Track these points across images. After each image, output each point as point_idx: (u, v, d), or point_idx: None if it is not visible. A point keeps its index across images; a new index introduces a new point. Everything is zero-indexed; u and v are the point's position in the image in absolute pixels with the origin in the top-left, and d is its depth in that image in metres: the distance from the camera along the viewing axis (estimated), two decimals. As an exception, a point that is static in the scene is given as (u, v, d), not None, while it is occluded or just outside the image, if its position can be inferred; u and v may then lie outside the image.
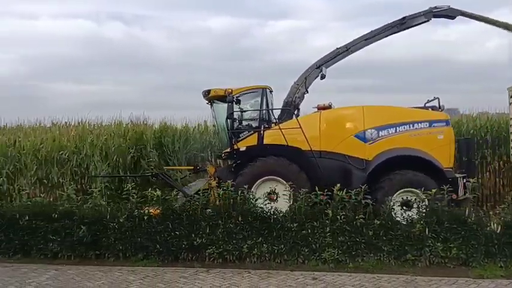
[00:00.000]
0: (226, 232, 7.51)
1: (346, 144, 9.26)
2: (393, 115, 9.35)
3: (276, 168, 9.23)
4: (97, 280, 6.78)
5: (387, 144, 9.09)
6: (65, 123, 15.11)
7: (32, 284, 6.68)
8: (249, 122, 10.40)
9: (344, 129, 9.41)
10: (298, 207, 7.54)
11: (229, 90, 9.98)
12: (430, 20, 11.39)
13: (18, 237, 8.13)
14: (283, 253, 7.31)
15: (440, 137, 9.10)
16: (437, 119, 9.26)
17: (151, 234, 7.72)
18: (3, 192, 10.95)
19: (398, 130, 9.14)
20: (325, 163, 9.27)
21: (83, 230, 7.82)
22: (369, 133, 9.15)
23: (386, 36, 11.42)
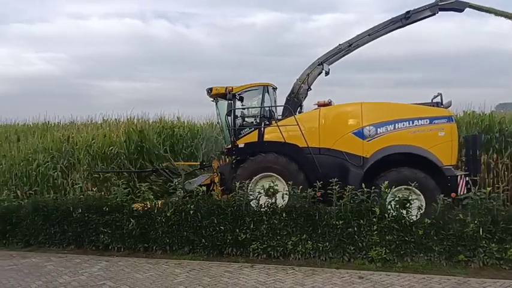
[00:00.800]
0: (270, 228, 7.49)
1: (345, 141, 9.22)
2: (392, 112, 9.19)
3: (272, 164, 9.36)
4: (145, 272, 6.97)
5: (385, 141, 8.97)
6: (115, 120, 15.77)
7: (85, 274, 6.96)
8: (250, 119, 10.52)
9: (342, 126, 9.34)
10: (344, 204, 7.39)
11: (229, 88, 10.11)
12: (437, 13, 10.97)
13: (72, 229, 8.52)
14: (328, 251, 7.20)
15: (442, 134, 8.83)
16: (438, 115, 8.98)
17: (197, 228, 7.84)
18: (58, 185, 11.52)
19: (397, 127, 8.99)
20: (323, 160, 9.30)
21: (132, 223, 8.07)
22: (367, 130, 9.07)
23: (391, 31, 11.15)
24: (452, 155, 8.84)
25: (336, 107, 9.89)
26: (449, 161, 8.78)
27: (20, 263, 7.69)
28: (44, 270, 7.20)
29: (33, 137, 14.42)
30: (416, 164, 8.63)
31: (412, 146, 8.82)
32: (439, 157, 8.72)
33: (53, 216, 8.63)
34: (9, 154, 12.76)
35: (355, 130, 9.16)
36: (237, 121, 10.35)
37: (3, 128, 17.34)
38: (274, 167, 9.39)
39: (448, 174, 8.56)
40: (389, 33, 11.17)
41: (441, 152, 8.77)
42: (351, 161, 9.12)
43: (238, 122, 10.45)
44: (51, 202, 8.94)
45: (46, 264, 7.60)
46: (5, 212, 9.04)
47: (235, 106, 10.16)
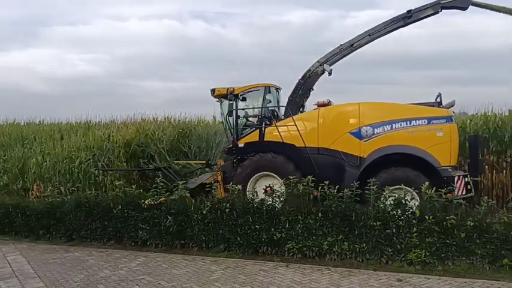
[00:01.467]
0: (305, 228, 7.45)
1: (342, 141, 9.24)
2: (389, 112, 9.12)
3: (270, 164, 9.52)
4: (182, 268, 7.09)
5: (382, 142, 8.92)
6: (153, 119, 16.16)
7: (124, 269, 7.16)
8: (251, 119, 10.67)
9: (340, 126, 9.35)
10: (382, 205, 7.24)
11: (231, 89, 10.29)
12: (440, 11, 10.64)
13: (112, 224, 8.77)
14: (365, 252, 7.08)
15: (440, 134, 8.70)
16: (436, 115, 8.86)
17: (232, 226, 7.89)
18: (99, 182, 11.89)
19: (394, 127, 8.93)
20: (322, 159, 9.34)
21: (169, 220, 8.23)
22: (364, 130, 9.05)
23: (392, 30, 10.93)
24: (451, 156, 8.72)
25: (334, 107, 9.95)
26: (448, 162, 8.65)
27: (63, 257, 7.99)
28: (85, 264, 7.46)
29: (76, 136, 14.95)
30: (412, 164, 8.57)
31: (408, 146, 8.74)
32: (437, 157, 8.59)
33: (95, 212, 8.92)
34: (53, 152, 13.27)
35: (353, 130, 9.18)
36: (239, 121, 10.56)
37: (47, 127, 18.08)
38: (272, 166, 9.54)
39: (444, 175, 8.42)
40: (390, 32, 10.98)
41: (439, 153, 8.64)
42: (347, 161, 9.14)
43: (241, 122, 10.64)
44: (92, 198, 9.25)
45: (88, 258, 7.86)
46: (49, 208, 9.40)
47: (236, 107, 10.36)
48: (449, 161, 8.69)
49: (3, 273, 7.00)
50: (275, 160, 9.53)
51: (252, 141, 10.17)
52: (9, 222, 9.77)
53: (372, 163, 8.83)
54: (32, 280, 6.67)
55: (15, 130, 17.56)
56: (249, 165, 9.75)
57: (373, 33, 10.87)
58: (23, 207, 9.69)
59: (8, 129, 18.23)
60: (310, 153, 9.41)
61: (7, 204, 10.05)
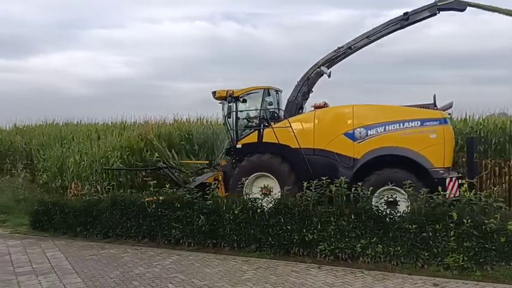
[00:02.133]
0: (338, 229, 7.36)
1: (337, 142, 9.39)
2: (383, 114, 9.23)
3: (266, 164, 9.83)
4: (214, 267, 7.14)
5: (376, 143, 9.04)
6: (186, 120, 16.42)
7: (158, 266, 7.28)
8: (250, 121, 10.92)
9: (335, 128, 9.49)
10: (417, 207, 7.06)
11: (230, 92, 10.63)
12: (437, 13, 10.63)
13: (146, 223, 8.93)
14: (400, 255, 6.93)
15: (433, 136, 8.74)
16: (430, 117, 8.91)
17: (264, 227, 7.90)
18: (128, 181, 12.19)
19: (387, 129, 9.02)
20: (317, 160, 9.54)
21: (201, 220, 8.31)
22: (357, 132, 9.20)
23: (390, 33, 10.94)
24: (444, 157, 8.74)
25: (330, 109, 10.11)
26: (441, 163, 8.67)
27: (99, 254, 8.21)
28: (121, 261, 7.63)
29: (112, 136, 15.36)
30: (405, 165, 8.61)
31: (401, 148, 8.82)
32: (430, 159, 8.64)
33: (130, 210, 9.11)
34: (90, 151, 13.69)
35: (347, 132, 9.31)
36: (239, 123, 10.88)
37: (85, 127, 18.65)
38: (267, 167, 9.83)
39: (435, 176, 8.46)
40: (388, 35, 10.98)
41: (432, 154, 8.69)
42: (341, 161, 9.30)
43: (242, 124, 10.94)
44: (127, 197, 9.46)
45: (123, 255, 8.04)
46: (86, 206, 9.67)
47: (236, 108, 10.72)
48: (442, 163, 8.71)
49: (42, 269, 7.26)
50: (271, 161, 9.81)
51: (250, 142, 10.42)
52: (49, 219, 10.10)
53: (365, 164, 8.96)
54: (70, 276, 6.88)
55: (54, 130, 18.24)
56: (246, 166, 10.06)
57: (371, 36, 10.91)
58: (62, 204, 10.00)
59: (47, 129, 18.94)
60: (306, 154, 9.63)
61: (47, 201, 10.41)
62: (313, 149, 9.66)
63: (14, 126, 21.05)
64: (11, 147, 18.69)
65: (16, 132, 20.00)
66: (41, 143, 16.96)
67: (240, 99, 10.73)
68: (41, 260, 7.82)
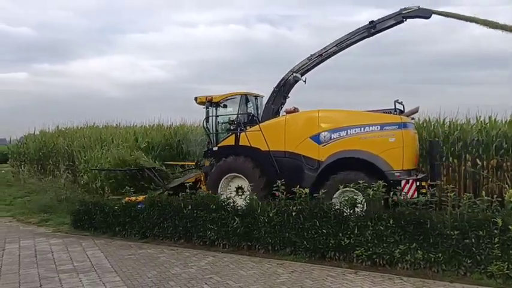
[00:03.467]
0: (376, 234, 7.18)
1: (304, 145, 9.97)
2: (345, 119, 9.74)
3: (238, 166, 10.54)
4: (249, 269, 7.14)
5: (338, 146, 9.55)
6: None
7: (193, 267, 7.35)
8: (228, 125, 11.68)
9: (302, 132, 10.06)
10: (460, 213, 6.80)
11: (209, 97, 11.50)
12: (405, 21, 10.94)
13: (182, 224, 9.04)
14: (441, 262, 6.68)
15: (392, 140, 9.16)
16: (389, 122, 9.33)
17: (299, 230, 7.81)
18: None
19: (349, 133, 9.49)
20: (286, 163, 10.20)
21: (236, 222, 8.33)
22: (322, 136, 9.73)
23: (358, 41, 11.30)
24: (403, 160, 9.12)
25: (299, 114, 10.75)
26: (400, 166, 9.09)
27: (137, 253, 8.37)
28: (158, 261, 7.76)
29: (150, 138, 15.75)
30: (365, 168, 9.10)
31: (361, 151, 9.30)
32: (389, 162, 9.08)
33: (166, 211, 9.25)
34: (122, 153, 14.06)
35: (313, 135, 9.86)
36: (220, 126, 11.77)
37: (123, 130, 19.17)
38: (239, 168, 10.53)
39: (391, 178, 8.88)
40: (357, 42, 11.33)
41: (391, 157, 9.11)
42: (307, 164, 9.89)
43: (223, 127, 11.77)
44: (164, 198, 9.62)
45: (160, 255, 8.17)
46: (125, 206, 9.90)
47: (214, 113, 11.62)
48: (401, 165, 9.10)
49: (83, 267, 7.47)
50: (242, 163, 10.49)
51: (226, 145, 11.18)
52: (89, 218, 10.41)
53: (327, 166, 9.52)
54: (109, 274, 7.04)
55: (95, 132, 18.84)
56: (221, 167, 10.79)
57: (340, 44, 11.30)
58: (102, 205, 10.28)
59: (88, 131, 19.58)
60: (278, 156, 10.28)
61: (87, 201, 10.75)
62: (284, 151, 10.27)
63: (57, 129, 21.93)
64: (53, 149, 19.49)
65: (59, 134, 20.82)
66: (82, 145, 17.58)
67: (221, 104, 11.56)
68: (81, 258, 8.06)
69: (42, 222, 11.78)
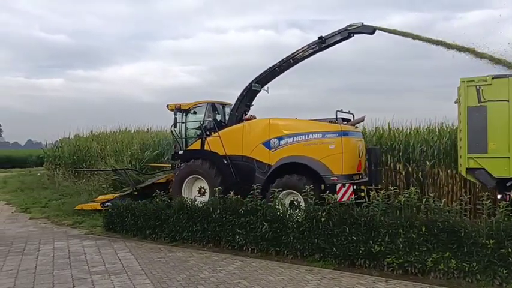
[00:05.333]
0: (407, 242, 7.02)
1: (257, 150, 11.00)
2: (292, 126, 10.72)
3: (198, 169, 11.58)
4: (277, 275, 7.11)
5: (286, 152, 10.51)
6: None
7: (222, 271, 7.38)
8: (195, 131, 12.70)
9: (256, 138, 11.06)
10: (496, 221, 6.57)
11: (178, 105, 12.53)
12: (352, 36, 11.54)
13: (211, 228, 9.11)
14: (475, 272, 6.48)
15: (332, 147, 10.03)
16: (329, 130, 10.22)
17: (328, 236, 7.74)
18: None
19: (295, 140, 10.44)
20: (242, 166, 11.21)
21: (265, 227, 8.32)
22: (272, 142, 10.74)
23: (310, 55, 11.94)
24: (342, 165, 9.97)
25: (254, 121, 11.79)
26: (340, 171, 9.96)
27: (167, 256, 8.48)
28: (187, 265, 7.84)
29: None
30: (306, 172, 10.03)
31: (304, 157, 10.22)
32: (329, 167, 9.98)
33: (195, 215, 9.34)
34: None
35: (264, 141, 10.88)
36: (189, 132, 12.79)
37: (154, 134, 19.49)
38: (200, 171, 11.56)
39: (327, 182, 9.78)
40: (309, 57, 11.96)
41: (332, 163, 9.99)
42: (259, 167, 10.94)
43: (192, 133, 12.75)
44: (194, 202, 9.71)
45: (189, 259, 8.25)
46: (156, 210, 10.05)
47: (185, 120, 12.69)
48: (341, 170, 9.97)
49: (114, 269, 7.62)
50: (202, 166, 11.50)
51: (191, 149, 12.36)
52: (121, 221, 10.62)
53: (275, 170, 10.47)
54: (140, 277, 7.16)
55: (127, 137, 19.24)
56: (185, 169, 11.88)
57: (293, 58, 11.95)
58: (133, 208, 10.47)
59: (120, 136, 20.01)
60: (236, 160, 11.28)
61: (119, 205, 10.96)
62: (242, 156, 11.26)
63: (91, 133, 22.49)
64: (87, 152, 19.97)
65: (92, 138, 21.34)
66: (115, 149, 17.97)
67: (191, 111, 12.61)
68: (113, 260, 8.23)
69: (76, 224, 12.10)
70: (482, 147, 8.82)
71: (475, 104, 8.87)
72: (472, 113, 8.91)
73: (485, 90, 8.75)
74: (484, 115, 8.76)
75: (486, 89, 8.75)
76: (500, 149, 8.64)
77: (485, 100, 8.75)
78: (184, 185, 11.76)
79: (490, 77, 8.79)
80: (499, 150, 8.65)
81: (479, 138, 8.82)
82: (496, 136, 8.66)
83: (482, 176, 8.95)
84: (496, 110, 8.65)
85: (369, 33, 11.48)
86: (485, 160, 8.81)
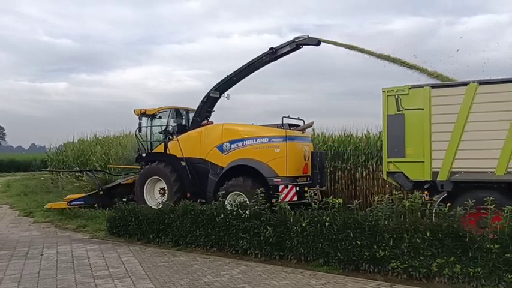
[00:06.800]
0: (412, 247, 6.99)
1: (212, 153, 11.96)
2: (243, 131, 11.59)
3: (158, 170, 12.56)
4: (281, 280, 7.09)
5: (236, 155, 11.41)
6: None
7: (226, 276, 7.36)
8: (159, 135, 13.60)
9: (211, 142, 12.02)
10: (501, 226, 6.54)
11: (143, 110, 13.52)
12: (301, 47, 12.31)
13: (215, 232, 9.09)
14: (480, 277, 6.44)
15: (277, 150, 10.92)
16: (275, 135, 11.12)
17: (332, 241, 7.71)
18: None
19: (245, 144, 11.34)
20: (199, 168, 12.16)
21: (269, 231, 8.30)
22: (225, 146, 11.67)
23: (263, 65, 12.76)
24: (287, 168, 10.87)
25: (210, 126, 12.63)
26: (284, 173, 10.86)
27: (170, 261, 8.47)
28: (190, 269, 7.82)
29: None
30: (254, 174, 10.92)
31: (251, 160, 11.10)
32: (275, 169, 10.87)
33: (199, 219, 9.33)
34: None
35: (218, 145, 11.81)
36: (154, 136, 13.69)
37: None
38: (159, 172, 12.53)
39: (271, 183, 10.73)
40: (262, 67, 12.79)
41: (277, 165, 10.88)
42: (212, 170, 11.82)
43: (157, 137, 13.62)
44: (197, 206, 9.71)
45: (193, 263, 8.24)
46: (160, 214, 10.05)
47: (148, 124, 13.68)
48: (285, 172, 10.85)
49: (118, 273, 7.62)
50: (162, 167, 12.47)
51: (154, 152, 13.36)
52: (124, 225, 10.62)
53: (226, 172, 11.37)
54: (144, 281, 7.15)
55: (130, 141, 19.29)
56: (147, 170, 12.92)
57: (248, 68, 12.79)
58: (137, 212, 10.47)
59: (124, 140, 20.08)
60: (194, 162, 12.23)
61: (123, 208, 10.96)
62: (199, 158, 12.18)
63: (94, 137, 22.59)
64: (91, 156, 20.04)
65: (96, 142, 21.45)
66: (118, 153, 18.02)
67: (157, 116, 13.51)
68: (116, 264, 8.23)
69: (79, 228, 12.12)
70: (401, 152, 9.40)
71: (394, 112, 9.43)
72: (391, 121, 9.48)
73: (403, 99, 9.33)
74: (402, 122, 9.34)
75: (404, 98, 9.33)
76: (416, 154, 9.21)
77: (403, 108, 9.34)
78: (146, 186, 12.80)
79: (408, 87, 9.36)
80: (415, 155, 9.22)
81: (398, 144, 9.42)
82: (412, 142, 9.24)
83: (400, 179, 9.51)
84: (413, 118, 9.23)
85: (315, 45, 12.24)
86: (403, 164, 9.42)
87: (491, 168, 8.46)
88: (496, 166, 8.41)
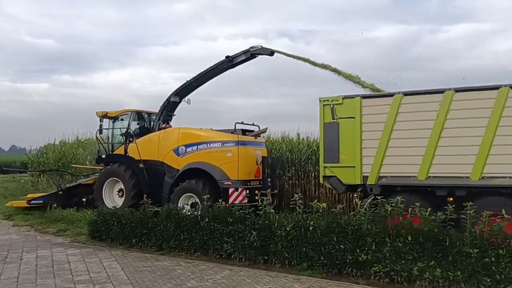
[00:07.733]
0: (394, 251, 7.09)
1: (169, 156, 12.31)
2: (197, 136, 12.09)
3: (116, 172, 12.88)
4: (265, 284, 7.10)
5: (191, 159, 11.82)
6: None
7: (209, 280, 7.34)
8: (120, 137, 13.95)
9: (168, 145, 12.40)
10: (479, 231, 6.68)
11: (104, 113, 13.83)
12: (256, 56, 12.82)
13: (199, 236, 9.06)
14: (460, 280, 6.55)
15: (229, 155, 11.36)
16: (228, 140, 11.58)
17: (315, 245, 7.76)
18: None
19: (199, 148, 11.77)
20: (157, 170, 12.55)
21: (253, 235, 8.31)
22: (180, 149, 12.06)
23: (221, 72, 13.25)
24: (238, 172, 11.30)
25: (168, 130, 13.06)
26: (236, 176, 11.28)
27: (153, 265, 8.40)
28: (174, 274, 7.77)
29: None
30: (206, 177, 11.35)
31: (204, 163, 11.51)
32: (227, 172, 11.28)
33: (183, 223, 9.29)
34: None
35: (174, 148, 12.19)
36: (116, 138, 14.01)
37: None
38: (118, 173, 12.78)
39: (221, 186, 11.20)
40: (221, 73, 13.28)
41: (229, 169, 11.31)
42: (168, 172, 12.22)
43: (119, 139, 13.93)
44: (181, 210, 9.66)
45: (176, 268, 8.19)
46: (143, 217, 9.95)
47: (109, 126, 14.04)
48: (237, 176, 11.28)
49: (99, 278, 7.52)
50: (119, 169, 12.75)
51: (114, 154, 13.63)
52: (106, 229, 10.49)
53: (180, 175, 11.76)
54: (125, 286, 7.08)
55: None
56: (106, 172, 13.25)
57: (207, 74, 13.21)
58: (119, 216, 10.36)
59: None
60: (153, 164, 12.59)
61: (105, 212, 10.84)
62: (158, 161, 12.51)
63: (77, 139, 22.22)
64: (73, 159, 19.73)
65: (78, 145, 21.11)
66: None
67: (119, 118, 13.83)
68: (98, 269, 8.13)
69: (60, 232, 11.96)
70: (335, 158, 10.00)
71: (329, 120, 10.02)
72: (327, 128, 10.08)
73: (338, 108, 9.91)
74: (336, 130, 9.95)
75: (338, 107, 9.90)
76: (348, 160, 9.81)
77: (337, 117, 9.91)
78: (105, 187, 13.09)
79: (341, 97, 9.93)
80: (348, 161, 9.81)
81: (332, 150, 10.02)
82: (345, 148, 9.84)
83: (334, 182, 10.11)
84: (346, 126, 9.82)
85: (269, 55, 12.67)
86: (337, 169, 10.02)
87: (414, 173, 9.02)
88: (418, 171, 8.96)
